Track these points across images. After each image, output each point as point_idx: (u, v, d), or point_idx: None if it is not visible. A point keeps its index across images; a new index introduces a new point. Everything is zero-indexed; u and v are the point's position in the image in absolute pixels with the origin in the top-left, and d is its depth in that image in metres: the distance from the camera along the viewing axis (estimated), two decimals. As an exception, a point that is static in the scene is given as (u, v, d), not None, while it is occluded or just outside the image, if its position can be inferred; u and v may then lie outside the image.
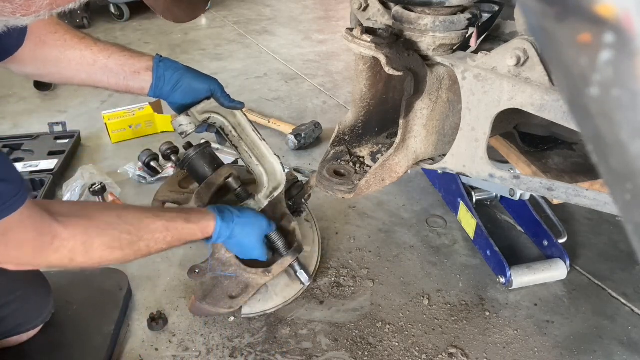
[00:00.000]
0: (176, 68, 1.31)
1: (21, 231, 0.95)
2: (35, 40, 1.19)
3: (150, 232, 1.15)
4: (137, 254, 1.13)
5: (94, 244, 1.05)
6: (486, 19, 1.44)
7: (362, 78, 1.26)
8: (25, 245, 0.96)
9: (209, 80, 1.34)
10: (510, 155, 1.55)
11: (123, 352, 1.34)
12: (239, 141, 1.38)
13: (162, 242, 1.17)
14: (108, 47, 1.27)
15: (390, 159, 1.24)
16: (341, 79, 3.11)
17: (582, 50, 0.26)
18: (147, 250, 1.14)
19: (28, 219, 0.95)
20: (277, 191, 1.41)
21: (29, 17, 0.80)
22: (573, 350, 1.35)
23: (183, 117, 1.30)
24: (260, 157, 1.40)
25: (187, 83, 1.31)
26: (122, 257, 1.11)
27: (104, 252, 1.06)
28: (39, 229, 0.98)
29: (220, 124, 1.37)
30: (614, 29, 0.24)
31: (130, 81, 1.28)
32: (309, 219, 1.63)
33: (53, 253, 1.00)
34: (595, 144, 0.29)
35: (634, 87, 0.24)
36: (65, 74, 1.26)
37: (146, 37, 3.90)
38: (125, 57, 1.27)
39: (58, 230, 0.99)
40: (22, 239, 0.96)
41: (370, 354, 1.33)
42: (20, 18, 0.80)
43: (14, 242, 0.95)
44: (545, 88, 1.00)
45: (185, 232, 1.21)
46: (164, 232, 1.17)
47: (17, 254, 0.97)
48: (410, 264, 1.64)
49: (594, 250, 1.70)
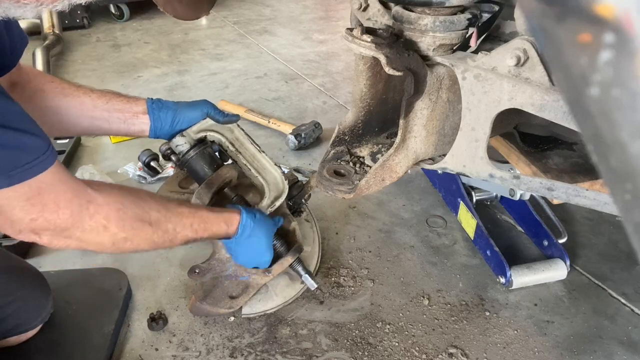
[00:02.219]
0: (168, 107, 1.34)
1: (57, 191, 0.92)
2: (34, 89, 1.20)
3: (178, 215, 1.14)
4: (165, 236, 1.11)
5: (128, 213, 1.03)
6: (486, 19, 1.44)
7: (362, 78, 1.26)
8: (62, 208, 0.93)
9: (200, 104, 1.37)
10: (510, 155, 1.55)
11: (123, 352, 1.34)
12: (237, 155, 1.41)
13: (189, 228, 1.15)
14: (104, 93, 1.31)
15: (390, 159, 1.24)
16: (341, 79, 3.11)
17: (582, 50, 0.26)
18: (174, 233, 1.13)
19: (62, 179, 0.93)
20: (279, 201, 1.42)
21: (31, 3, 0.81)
22: (573, 350, 1.35)
23: (179, 138, 1.35)
24: (260, 169, 1.42)
25: (183, 117, 1.34)
26: (152, 235, 1.08)
27: (136, 224, 1.05)
28: (75, 190, 0.95)
29: (217, 140, 1.40)
30: (614, 29, 0.24)
31: (130, 125, 1.31)
32: (309, 219, 1.63)
33: (89, 218, 0.97)
34: (595, 144, 0.29)
35: (634, 87, 0.24)
36: (66, 123, 1.26)
37: (146, 37, 3.90)
38: (122, 102, 1.31)
39: (93, 195, 0.98)
40: (59, 200, 0.92)
41: (370, 354, 1.33)
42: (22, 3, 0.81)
43: (51, 204, 0.91)
44: (545, 88, 1.00)
45: (210, 221, 1.20)
46: (190, 217, 1.16)
47: (54, 218, 0.93)
48: (410, 264, 1.64)
49: (594, 250, 1.70)
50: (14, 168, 0.84)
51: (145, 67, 3.29)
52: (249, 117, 2.49)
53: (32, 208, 0.89)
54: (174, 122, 1.34)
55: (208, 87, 2.99)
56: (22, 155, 0.85)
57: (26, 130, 0.86)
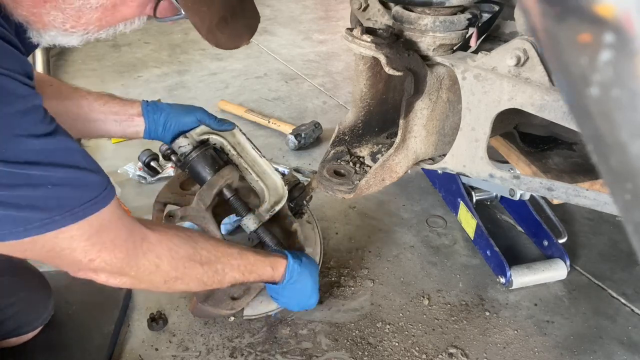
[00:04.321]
0: (162, 110, 1.35)
1: (115, 229, 0.93)
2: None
3: (226, 256, 1.16)
4: (215, 276, 1.12)
5: (179, 252, 1.04)
6: (486, 19, 1.44)
7: (362, 78, 1.26)
8: (119, 246, 0.94)
9: (194, 110, 1.37)
10: (510, 155, 1.55)
11: (123, 352, 1.34)
12: (238, 159, 1.41)
13: (237, 270, 1.17)
14: (101, 95, 1.32)
15: (390, 159, 1.24)
16: (341, 79, 3.10)
17: (582, 50, 0.26)
18: (223, 274, 1.14)
19: (119, 215, 0.94)
20: (279, 205, 1.42)
21: (78, 31, 0.85)
22: (573, 350, 1.35)
23: (182, 139, 1.35)
24: (261, 173, 1.43)
25: (175, 121, 1.36)
26: (202, 275, 1.09)
27: (188, 263, 1.06)
28: (130, 228, 0.96)
29: (219, 143, 1.40)
30: (614, 29, 0.24)
31: (126, 127, 1.33)
32: (311, 220, 1.63)
33: (142, 256, 0.98)
34: (595, 144, 0.29)
35: (634, 87, 0.24)
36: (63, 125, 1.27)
37: (146, 37, 3.90)
38: (118, 104, 1.32)
39: (146, 233, 0.99)
40: (116, 238, 0.93)
41: (370, 354, 1.33)
42: (70, 32, 0.84)
43: (108, 243, 0.92)
44: (545, 88, 1.00)
45: (257, 264, 1.22)
46: (238, 258, 1.18)
47: (111, 257, 0.93)
48: (410, 264, 1.64)
49: (594, 250, 1.70)
50: (78, 205, 0.85)
51: (145, 67, 3.29)
52: (249, 117, 2.49)
53: (92, 248, 0.90)
54: (166, 125, 1.35)
55: (208, 87, 2.99)
56: (86, 193, 0.86)
57: (88, 169, 0.88)
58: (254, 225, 1.38)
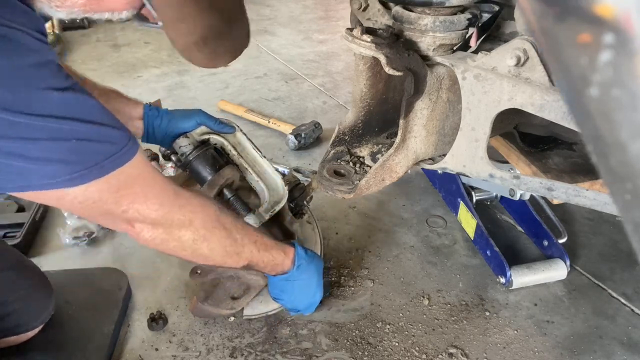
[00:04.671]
0: (162, 116, 1.36)
1: (144, 181, 0.94)
2: None
3: (245, 228, 1.18)
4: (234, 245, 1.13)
5: (209, 211, 1.06)
6: (486, 19, 1.44)
7: (362, 78, 1.26)
8: (151, 198, 0.95)
9: (194, 114, 1.38)
10: (510, 155, 1.55)
11: (123, 352, 1.34)
12: (238, 159, 1.42)
13: (254, 245, 1.18)
14: (106, 91, 1.32)
15: (390, 159, 1.24)
16: (341, 79, 3.11)
17: (582, 50, 0.26)
18: (242, 246, 1.15)
19: (149, 170, 0.95)
20: (279, 206, 1.42)
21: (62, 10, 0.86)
22: (573, 350, 1.35)
23: (182, 139, 1.36)
24: (261, 174, 1.43)
25: (174, 126, 1.37)
26: (225, 240, 1.10)
27: (215, 224, 1.07)
28: (162, 182, 0.98)
29: (220, 144, 1.41)
30: (614, 29, 0.24)
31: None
32: (311, 221, 1.63)
33: (177, 210, 1.00)
34: (595, 144, 0.29)
35: (634, 87, 0.25)
36: None
37: (146, 37, 3.90)
38: (121, 103, 1.33)
39: (179, 189, 1.00)
40: (147, 190, 0.94)
41: (370, 354, 1.33)
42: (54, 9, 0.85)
43: (140, 194, 0.93)
44: (545, 88, 1.00)
45: (271, 244, 1.24)
46: (255, 235, 1.20)
47: (143, 207, 0.95)
48: (410, 264, 1.64)
49: (594, 250, 1.70)
50: (105, 159, 0.86)
51: (145, 67, 3.29)
52: (248, 117, 2.49)
53: (123, 199, 0.92)
54: (166, 131, 1.36)
55: (208, 87, 2.99)
56: (110, 147, 0.88)
57: (110, 124, 0.89)
58: (254, 225, 1.38)
